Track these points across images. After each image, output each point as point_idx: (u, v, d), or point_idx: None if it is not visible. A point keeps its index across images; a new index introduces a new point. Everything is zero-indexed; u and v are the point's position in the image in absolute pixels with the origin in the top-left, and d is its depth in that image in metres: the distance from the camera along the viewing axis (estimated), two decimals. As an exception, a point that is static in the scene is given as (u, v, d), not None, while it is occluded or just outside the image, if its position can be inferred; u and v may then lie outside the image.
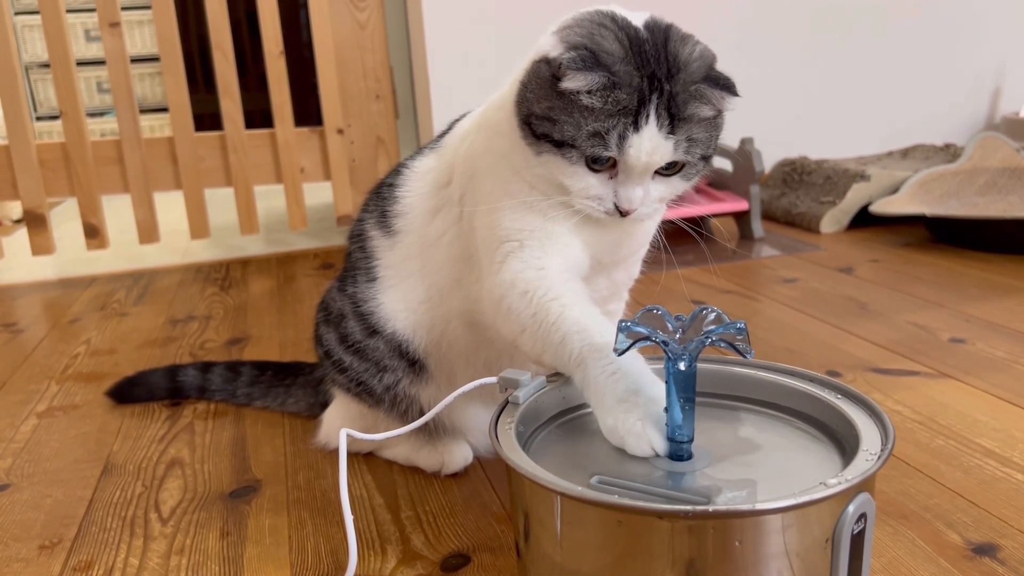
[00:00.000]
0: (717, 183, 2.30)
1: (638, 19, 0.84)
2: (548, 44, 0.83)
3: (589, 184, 0.82)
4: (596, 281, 0.95)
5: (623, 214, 0.83)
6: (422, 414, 1.01)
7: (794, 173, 2.43)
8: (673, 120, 0.80)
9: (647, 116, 0.79)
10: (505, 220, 0.89)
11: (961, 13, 2.62)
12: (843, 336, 1.49)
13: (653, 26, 0.83)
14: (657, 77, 0.79)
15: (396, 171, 1.05)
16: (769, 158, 2.47)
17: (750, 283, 1.84)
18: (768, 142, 2.40)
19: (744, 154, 2.17)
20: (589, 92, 0.78)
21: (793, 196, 2.38)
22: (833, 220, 2.23)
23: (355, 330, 1.04)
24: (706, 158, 0.85)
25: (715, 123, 0.84)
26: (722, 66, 0.86)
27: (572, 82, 0.78)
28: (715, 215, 2.22)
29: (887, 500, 0.97)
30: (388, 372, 1.03)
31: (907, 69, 2.62)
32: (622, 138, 0.79)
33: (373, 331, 1.03)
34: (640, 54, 0.80)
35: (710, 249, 2.13)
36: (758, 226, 2.19)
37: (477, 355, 1.01)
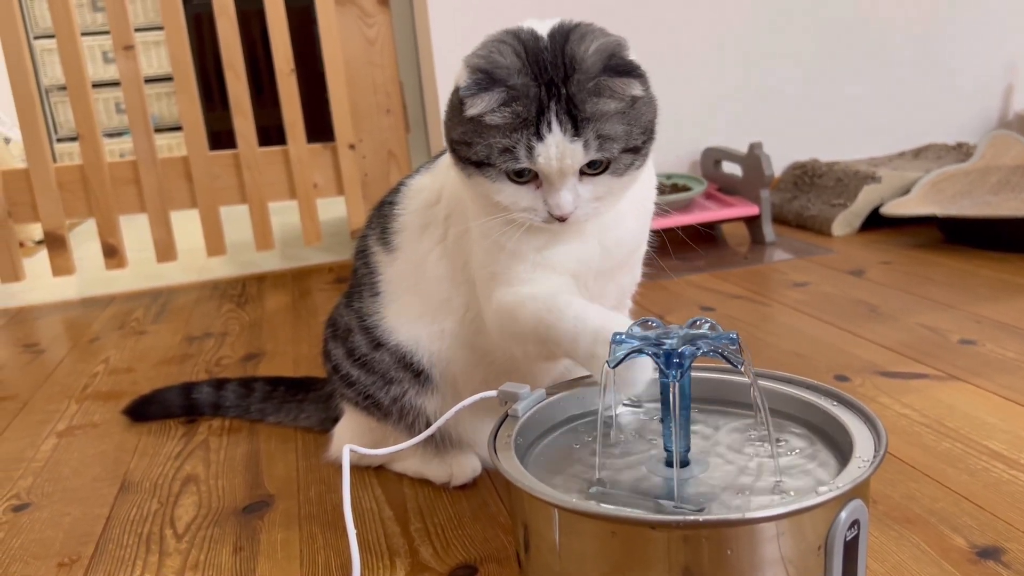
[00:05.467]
0: (728, 188, 2.30)
1: (547, 27, 0.86)
2: (459, 72, 0.85)
3: (518, 197, 0.84)
4: (604, 288, 0.96)
5: (561, 220, 0.84)
6: (429, 425, 1.03)
7: (805, 176, 2.43)
8: (576, 122, 0.80)
9: (548, 123, 0.80)
10: (483, 246, 0.93)
11: (972, 10, 2.61)
12: (852, 340, 1.49)
13: (557, 31, 0.84)
14: (555, 81, 0.80)
15: (396, 188, 1.08)
16: (779, 161, 2.47)
17: (761, 288, 1.84)
18: (778, 145, 2.40)
19: (753, 158, 2.17)
20: (492, 111, 0.81)
21: (804, 199, 2.38)
22: (845, 222, 2.23)
23: (361, 344, 1.06)
24: (633, 150, 0.84)
25: (632, 112, 0.83)
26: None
27: (472, 108, 0.81)
28: (726, 220, 2.22)
29: (891, 504, 0.97)
30: (394, 384, 1.04)
31: (918, 68, 2.61)
32: (529, 148, 0.81)
33: (378, 344, 1.05)
34: (538, 63, 0.81)
35: (721, 254, 2.13)
36: (769, 230, 2.19)
37: (476, 370, 1.02)
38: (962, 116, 2.67)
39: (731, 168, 2.33)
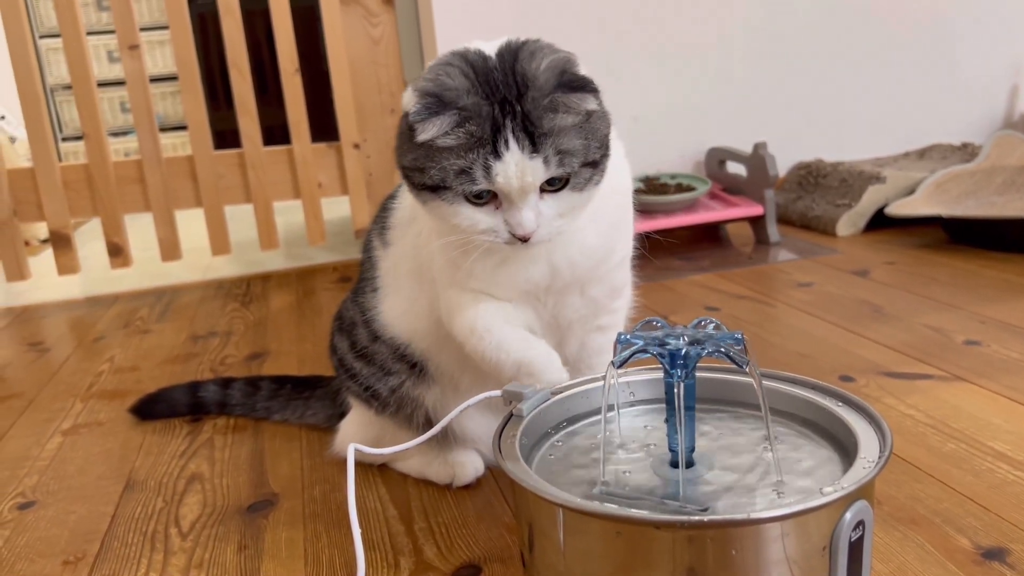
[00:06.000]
0: (732, 188, 2.30)
1: (494, 47, 0.85)
2: (406, 96, 0.83)
3: (476, 219, 0.83)
4: (566, 301, 0.96)
5: (523, 240, 0.83)
6: (427, 417, 1.04)
7: (809, 176, 2.43)
8: (533, 138, 0.79)
9: (505, 141, 0.79)
10: (439, 263, 0.94)
11: (977, 10, 2.60)
12: (857, 340, 1.49)
13: (505, 51, 0.84)
14: (508, 100, 0.80)
15: (399, 185, 1.08)
16: (784, 161, 2.47)
17: (765, 288, 1.84)
18: (783, 145, 2.40)
19: (758, 158, 2.17)
20: (444, 134, 0.79)
21: (809, 199, 2.37)
22: (849, 223, 2.22)
23: (362, 336, 1.08)
24: (592, 163, 0.83)
25: (588, 127, 0.83)
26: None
27: (424, 132, 0.79)
28: (730, 220, 2.22)
29: (896, 505, 0.97)
30: (392, 375, 1.06)
31: (923, 68, 2.60)
32: (487, 168, 0.79)
33: (376, 336, 1.06)
34: (488, 82, 0.80)
35: (725, 254, 2.13)
36: (774, 230, 2.19)
37: (467, 364, 1.02)
38: (967, 116, 2.67)
39: (735, 168, 2.33)
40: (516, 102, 0.80)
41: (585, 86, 0.80)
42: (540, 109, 0.80)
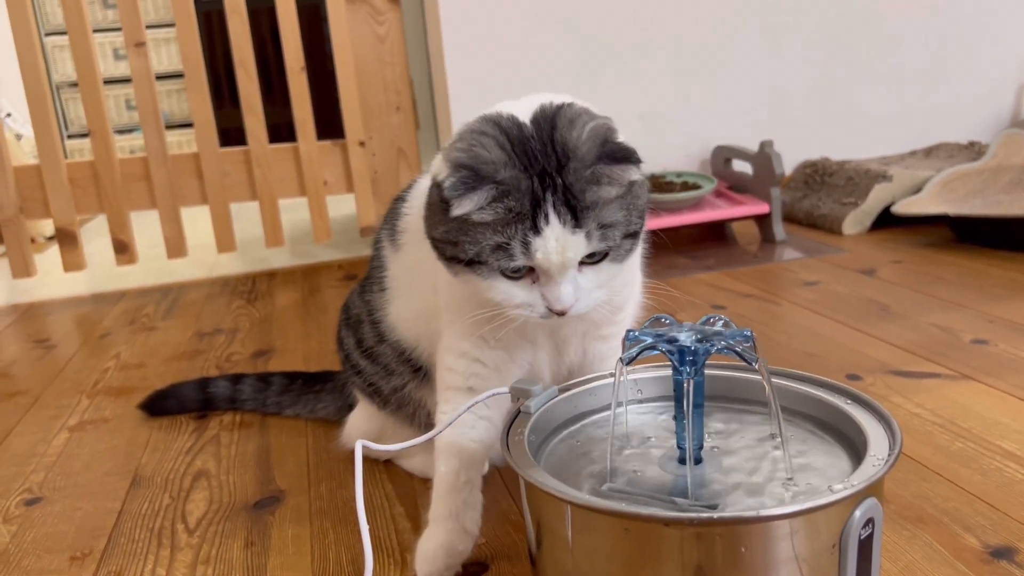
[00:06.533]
0: (738, 186, 2.30)
1: (527, 111, 0.80)
2: (437, 165, 0.79)
3: (512, 294, 0.79)
4: (568, 325, 0.92)
5: (560, 314, 0.79)
6: (429, 417, 1.03)
7: (815, 175, 2.42)
8: (575, 212, 0.75)
9: (545, 216, 0.75)
10: (443, 295, 0.92)
11: (983, 9, 2.59)
12: (864, 339, 1.48)
13: (540, 117, 0.79)
14: (548, 172, 0.75)
15: (410, 185, 1.07)
16: (790, 160, 2.46)
17: (771, 287, 1.84)
18: (789, 144, 2.40)
19: (764, 157, 2.16)
20: (481, 209, 0.75)
21: (815, 198, 2.37)
22: (856, 221, 2.22)
23: (369, 335, 1.08)
24: (632, 235, 0.80)
25: (629, 198, 0.79)
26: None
27: (459, 208, 0.75)
28: (736, 219, 2.21)
29: (904, 504, 0.97)
30: (395, 376, 1.06)
31: (929, 66, 2.60)
32: (526, 244, 0.75)
33: (382, 338, 1.06)
34: (526, 153, 0.76)
35: (731, 253, 2.13)
36: (780, 229, 2.19)
37: None
38: (974, 115, 2.66)
39: (741, 166, 2.32)
40: (556, 174, 0.75)
41: (629, 156, 0.76)
42: (583, 181, 0.75)
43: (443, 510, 0.89)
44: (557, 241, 0.75)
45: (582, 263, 0.78)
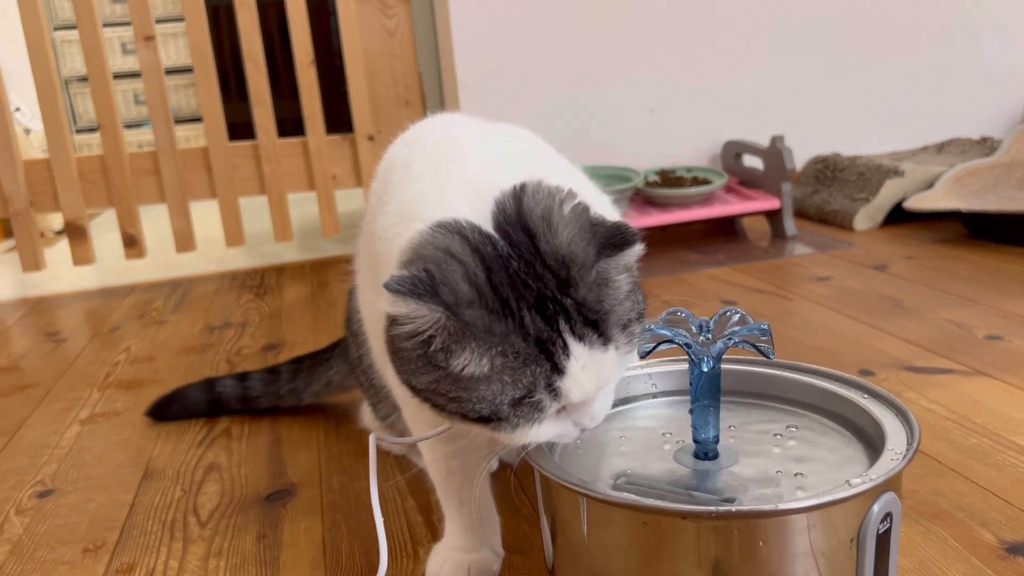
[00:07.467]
0: (748, 182, 2.29)
1: (484, 213, 0.66)
2: (388, 301, 0.60)
3: (541, 434, 0.66)
4: None
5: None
6: None
7: (827, 170, 2.41)
8: (597, 326, 0.63)
9: (564, 347, 0.62)
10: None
11: (996, 3, 2.58)
12: (877, 334, 1.47)
13: (504, 222, 0.65)
14: (548, 293, 0.62)
15: None
16: (801, 155, 2.46)
17: (783, 282, 1.83)
18: (800, 139, 2.39)
19: (775, 152, 2.16)
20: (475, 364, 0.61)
21: (826, 193, 2.36)
22: (867, 217, 2.21)
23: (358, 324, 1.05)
24: (640, 315, 0.68)
25: (633, 277, 0.68)
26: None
27: (453, 365, 0.62)
28: (747, 214, 2.21)
29: (919, 499, 0.97)
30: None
31: (942, 61, 2.58)
32: (550, 387, 0.63)
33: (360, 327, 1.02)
34: (511, 278, 0.62)
35: (742, 248, 2.12)
36: (790, 224, 2.18)
37: None
38: (987, 110, 2.65)
39: (752, 161, 2.31)
40: (559, 293, 0.62)
41: (626, 240, 0.64)
42: (590, 288, 0.63)
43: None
44: (586, 370, 0.63)
45: None
